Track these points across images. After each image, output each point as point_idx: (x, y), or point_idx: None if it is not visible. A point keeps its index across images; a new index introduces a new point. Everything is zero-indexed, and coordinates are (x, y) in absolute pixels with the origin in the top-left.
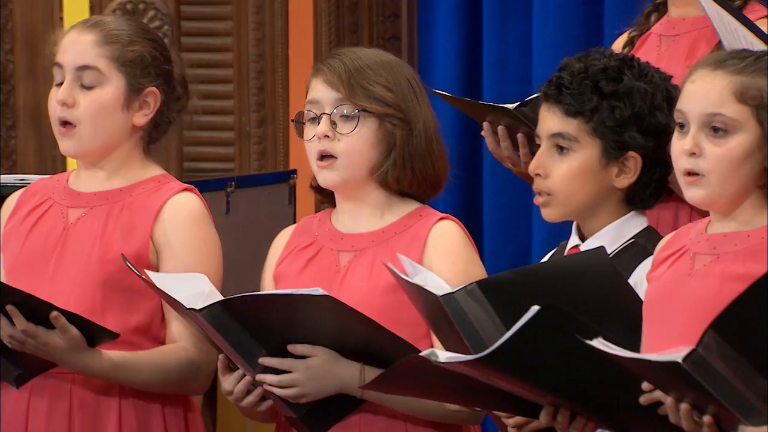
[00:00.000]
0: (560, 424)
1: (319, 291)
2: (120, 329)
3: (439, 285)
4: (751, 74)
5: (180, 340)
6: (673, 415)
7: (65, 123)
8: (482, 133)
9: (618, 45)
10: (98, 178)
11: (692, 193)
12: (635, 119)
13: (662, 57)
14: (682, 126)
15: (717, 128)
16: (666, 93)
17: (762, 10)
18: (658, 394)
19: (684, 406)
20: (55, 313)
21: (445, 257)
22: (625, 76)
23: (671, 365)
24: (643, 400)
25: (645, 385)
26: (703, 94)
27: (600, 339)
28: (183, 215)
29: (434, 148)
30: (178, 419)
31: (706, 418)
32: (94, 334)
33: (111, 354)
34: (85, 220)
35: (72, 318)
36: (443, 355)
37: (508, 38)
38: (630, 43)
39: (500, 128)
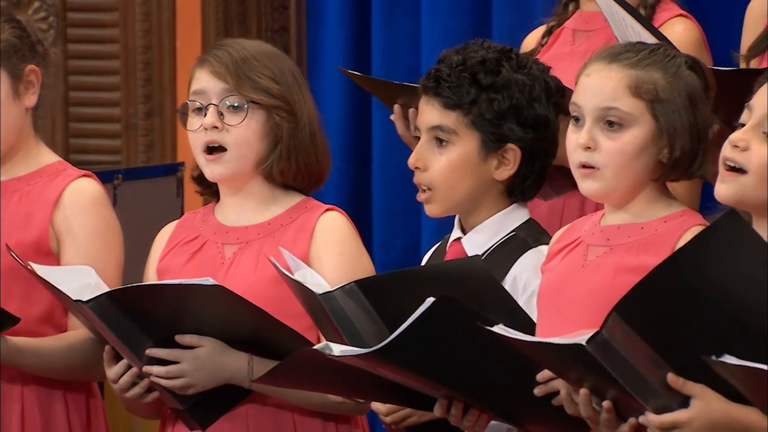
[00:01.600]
0: (454, 417)
1: (209, 281)
2: (22, 318)
3: (318, 282)
4: (645, 68)
5: (83, 327)
6: (570, 405)
7: None
8: (392, 117)
9: (534, 36)
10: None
11: (587, 186)
12: (514, 111)
13: (576, 52)
14: (577, 119)
15: (612, 122)
16: (545, 85)
17: (675, 8)
18: (553, 384)
19: (583, 391)
20: None
21: (331, 249)
22: (503, 68)
23: (575, 347)
24: (537, 391)
25: (540, 376)
26: (598, 87)
27: (501, 325)
28: (84, 200)
29: (318, 141)
30: (79, 405)
31: (606, 403)
32: None
33: (15, 339)
34: None
35: None
36: (337, 349)
37: (397, 30)
38: (548, 33)
39: (411, 111)
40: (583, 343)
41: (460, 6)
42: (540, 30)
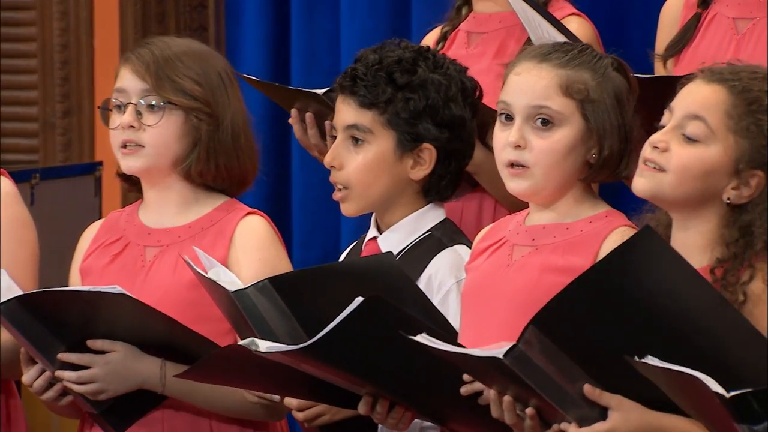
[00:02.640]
0: (379, 414)
1: (117, 289)
2: None
3: (232, 280)
4: (575, 68)
5: None
6: (496, 408)
7: None
8: (290, 120)
9: (430, 40)
10: None
11: (515, 185)
12: (429, 111)
13: (471, 54)
14: (506, 117)
15: (543, 121)
16: (461, 85)
17: (568, 7)
18: (478, 385)
19: (506, 399)
20: None
21: (251, 253)
22: (419, 68)
23: (492, 360)
24: (464, 390)
25: (466, 376)
26: (529, 86)
27: (424, 334)
28: None
29: (242, 143)
30: None
31: (529, 410)
32: None
33: None
34: None
35: None
36: (264, 345)
37: (317, 29)
38: (443, 38)
39: (308, 115)
40: (500, 356)
41: (378, 6)
42: (435, 33)
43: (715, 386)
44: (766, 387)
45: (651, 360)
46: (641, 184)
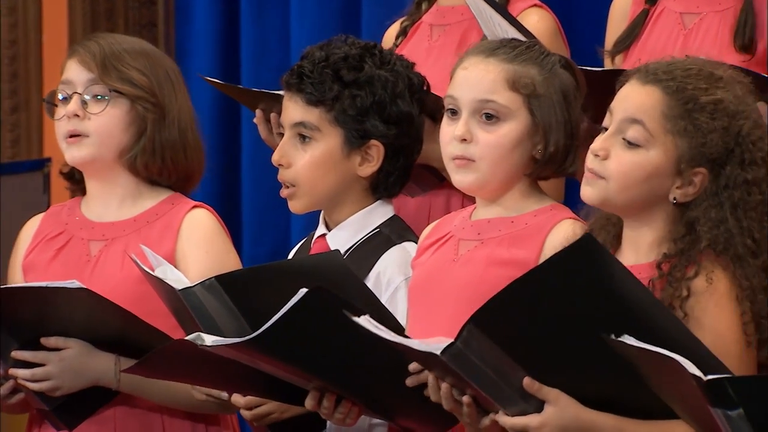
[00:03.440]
0: (325, 409)
1: (75, 284)
2: None
3: (178, 278)
4: (522, 63)
5: None
6: (435, 393)
7: None
8: (254, 120)
9: (390, 35)
10: None
11: (461, 178)
12: (377, 107)
13: (433, 47)
14: (453, 112)
15: (489, 115)
16: (408, 81)
17: None
18: (424, 377)
19: (444, 386)
20: None
21: (198, 246)
22: (366, 65)
23: (430, 356)
24: (410, 381)
25: (412, 366)
26: (476, 80)
27: (367, 317)
28: None
29: (189, 139)
30: None
31: (465, 398)
32: None
33: None
34: None
35: None
36: (209, 339)
37: (266, 26)
38: (403, 32)
39: (273, 115)
40: (437, 353)
41: (329, 2)
42: (395, 27)
43: (692, 368)
44: (742, 376)
45: (628, 339)
46: (588, 192)
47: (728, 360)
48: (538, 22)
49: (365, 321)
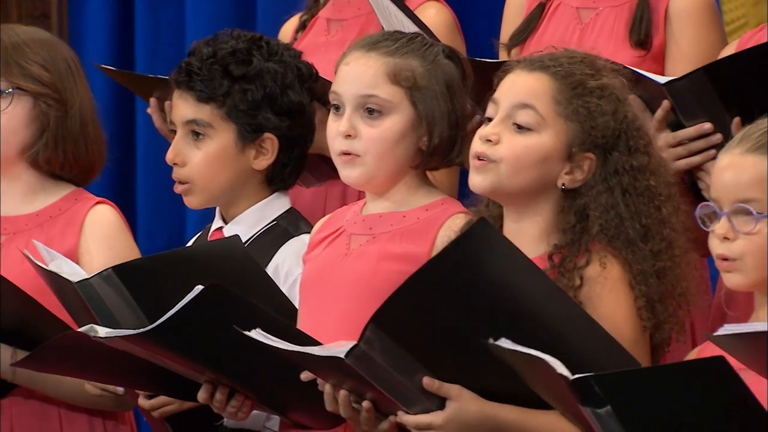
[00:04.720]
0: (218, 402)
1: None
2: None
3: (74, 271)
4: (403, 56)
5: None
6: (331, 403)
7: None
8: (148, 110)
9: (288, 29)
10: None
11: (347, 173)
12: (268, 100)
13: (331, 42)
14: (337, 108)
15: (371, 109)
16: (297, 71)
17: None
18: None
19: (343, 393)
20: None
21: (101, 242)
22: (254, 58)
23: (334, 360)
24: (304, 376)
25: (303, 376)
26: (357, 75)
27: (258, 330)
28: None
29: (90, 131)
30: None
31: (365, 404)
32: None
33: None
34: None
35: None
36: (103, 331)
37: (161, 18)
38: (302, 26)
39: (167, 104)
40: (342, 356)
41: None
42: (294, 21)
43: (560, 368)
44: (606, 372)
45: (503, 342)
46: (478, 180)
47: (624, 345)
48: (436, 15)
49: (257, 334)
